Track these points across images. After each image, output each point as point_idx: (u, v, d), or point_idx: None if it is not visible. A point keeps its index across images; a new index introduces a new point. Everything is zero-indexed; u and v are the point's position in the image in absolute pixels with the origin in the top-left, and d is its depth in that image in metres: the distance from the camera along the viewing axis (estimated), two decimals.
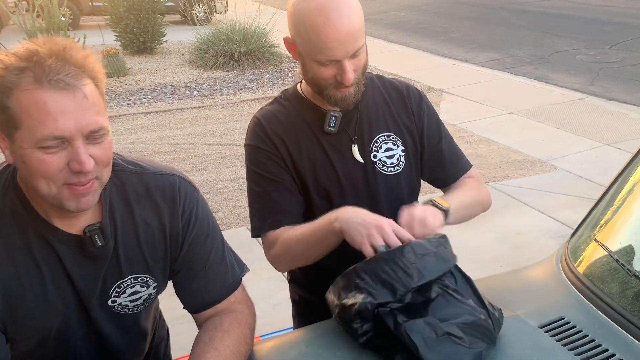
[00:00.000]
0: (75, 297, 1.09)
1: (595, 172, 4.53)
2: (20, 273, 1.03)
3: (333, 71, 1.22)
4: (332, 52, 1.18)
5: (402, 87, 1.44)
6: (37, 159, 0.90)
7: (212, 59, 8.30)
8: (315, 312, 1.31)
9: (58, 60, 0.89)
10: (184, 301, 1.20)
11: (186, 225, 1.14)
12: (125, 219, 1.09)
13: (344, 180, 1.35)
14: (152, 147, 5.38)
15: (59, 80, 0.88)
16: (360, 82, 1.28)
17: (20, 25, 6.85)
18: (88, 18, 12.59)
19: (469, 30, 10.75)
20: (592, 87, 6.90)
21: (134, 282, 1.13)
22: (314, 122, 1.35)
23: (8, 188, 1.02)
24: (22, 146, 0.91)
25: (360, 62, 1.24)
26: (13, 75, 0.88)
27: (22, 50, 0.90)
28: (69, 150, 0.91)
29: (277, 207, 1.33)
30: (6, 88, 0.89)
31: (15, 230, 1.01)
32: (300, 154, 1.34)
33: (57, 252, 1.04)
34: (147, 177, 1.12)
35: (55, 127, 0.88)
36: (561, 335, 1.14)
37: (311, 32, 1.18)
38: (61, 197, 0.94)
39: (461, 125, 5.73)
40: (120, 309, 1.15)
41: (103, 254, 1.07)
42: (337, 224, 1.17)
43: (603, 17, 11.02)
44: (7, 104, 0.89)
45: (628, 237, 1.36)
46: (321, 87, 1.27)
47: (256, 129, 1.36)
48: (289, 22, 1.25)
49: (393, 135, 1.39)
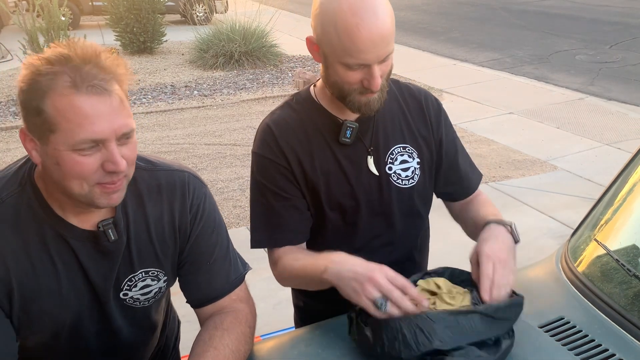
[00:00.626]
0: (89, 292, 1.11)
1: (595, 172, 4.54)
2: (35, 268, 1.05)
3: (360, 75, 1.15)
4: (363, 56, 1.11)
5: (421, 95, 1.38)
6: (73, 160, 0.94)
7: (212, 59, 8.30)
8: (319, 318, 1.29)
9: (94, 66, 0.93)
10: (188, 295, 1.22)
11: (194, 219, 1.17)
12: (138, 214, 1.12)
13: (358, 193, 1.30)
14: (152, 147, 5.38)
15: (95, 86, 0.92)
16: (385, 88, 1.21)
17: (20, 25, 6.84)
18: (88, 18, 12.59)
19: (469, 30, 10.75)
20: (592, 87, 6.90)
21: (145, 276, 1.16)
22: (328, 132, 1.28)
23: (25, 185, 1.05)
24: (57, 148, 0.93)
25: (388, 67, 1.18)
26: (48, 80, 0.91)
27: (54, 55, 0.93)
28: (103, 152, 0.95)
29: (283, 224, 1.29)
30: (41, 92, 0.91)
31: (31, 226, 1.04)
32: (314, 167, 1.28)
33: (72, 247, 1.07)
34: (158, 174, 1.15)
35: (93, 131, 0.92)
36: (561, 335, 1.14)
37: (342, 33, 1.09)
38: (93, 195, 0.98)
39: (461, 125, 5.73)
40: (132, 302, 1.17)
41: (117, 248, 1.10)
42: (327, 277, 1.13)
43: (603, 17, 11.02)
44: (42, 107, 0.92)
45: (628, 237, 1.36)
46: (345, 92, 1.19)
47: (266, 138, 1.28)
48: (314, 22, 1.17)
49: (409, 147, 1.33)
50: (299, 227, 1.31)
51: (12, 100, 6.92)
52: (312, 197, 1.30)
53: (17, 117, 6.34)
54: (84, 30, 10.55)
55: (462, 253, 1.20)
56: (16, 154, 5.31)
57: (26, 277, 1.05)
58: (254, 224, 1.34)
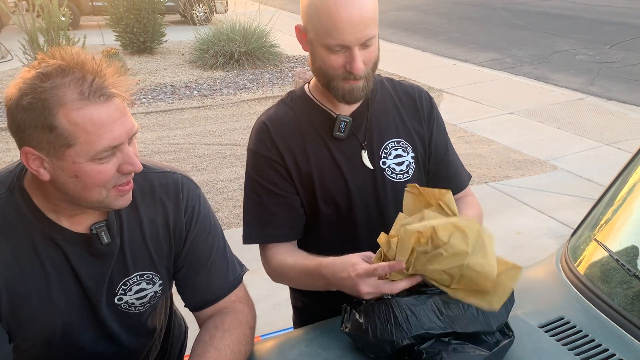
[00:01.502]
0: (81, 297, 1.10)
1: (595, 172, 4.54)
2: (25, 273, 1.04)
3: (342, 59, 1.17)
4: (342, 36, 1.13)
5: (414, 91, 1.39)
6: (95, 170, 0.95)
7: (212, 59, 8.30)
8: (317, 318, 1.29)
9: (93, 73, 0.92)
10: (186, 299, 1.21)
11: (189, 221, 1.16)
12: (131, 216, 1.11)
13: (352, 188, 1.31)
14: (152, 147, 5.38)
15: (103, 93, 0.92)
16: (370, 77, 1.22)
17: (20, 25, 6.84)
18: (88, 18, 12.58)
19: (469, 30, 10.75)
20: (592, 87, 6.90)
21: (139, 280, 1.14)
22: (322, 127, 1.30)
23: (13, 190, 1.04)
24: (77, 161, 0.93)
25: (372, 54, 1.19)
26: (53, 95, 0.89)
27: (50, 68, 0.91)
28: (118, 156, 0.97)
29: (275, 221, 1.31)
30: (49, 108, 0.90)
31: (20, 231, 1.03)
32: (308, 162, 1.29)
33: (64, 251, 1.05)
34: (151, 176, 1.15)
35: (113, 138, 0.94)
36: (561, 335, 1.14)
37: (322, 13, 1.13)
38: (109, 199, 1.00)
39: (461, 125, 5.73)
40: (127, 307, 1.16)
41: (110, 251, 1.09)
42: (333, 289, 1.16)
43: (603, 17, 11.02)
44: (55, 124, 0.90)
45: (628, 237, 1.36)
46: (329, 78, 1.21)
47: (261, 134, 1.30)
48: (302, 10, 1.20)
49: (403, 142, 1.34)
50: (291, 224, 1.32)
51: None
52: (306, 193, 1.31)
53: None
54: (84, 30, 10.54)
55: None
56: (16, 154, 5.31)
57: (15, 282, 1.03)
58: (245, 219, 1.35)
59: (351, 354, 1.12)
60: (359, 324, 1.07)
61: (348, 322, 1.11)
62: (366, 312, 1.07)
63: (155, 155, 5.12)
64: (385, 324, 1.03)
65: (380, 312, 1.05)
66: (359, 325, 1.07)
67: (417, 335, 1.02)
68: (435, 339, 1.02)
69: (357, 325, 1.08)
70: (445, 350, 1.00)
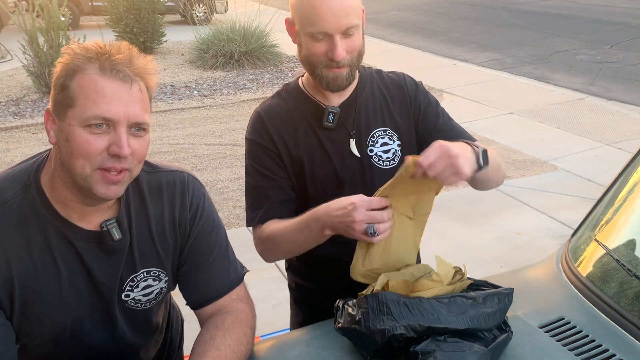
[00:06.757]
0: (91, 295, 1.12)
1: (595, 172, 4.53)
2: (38, 269, 1.05)
3: (325, 47, 1.23)
4: (323, 23, 1.20)
5: (400, 77, 1.48)
6: (82, 137, 0.97)
7: (212, 59, 8.30)
8: (311, 298, 1.36)
9: (124, 58, 0.99)
10: (187, 295, 1.23)
11: (193, 218, 1.19)
12: (140, 214, 1.14)
13: (340, 174, 1.37)
14: (152, 147, 5.37)
15: (120, 72, 0.98)
16: (355, 66, 1.29)
17: (20, 25, 6.83)
18: (88, 18, 12.59)
19: (469, 30, 10.75)
20: (592, 87, 6.90)
21: (146, 276, 1.16)
22: (312, 118, 1.37)
23: (30, 187, 1.06)
24: (71, 123, 0.97)
25: (354, 44, 1.25)
26: (80, 62, 0.98)
27: (92, 45, 1.00)
28: (112, 135, 0.98)
29: (269, 202, 1.37)
30: (71, 71, 0.98)
31: (35, 227, 1.05)
32: (298, 149, 1.36)
33: (77, 249, 1.07)
34: (159, 175, 1.18)
35: (108, 110, 0.96)
36: (561, 335, 1.14)
37: (305, 4, 1.22)
38: (92, 180, 0.99)
39: (461, 125, 5.72)
40: (134, 304, 1.18)
41: (121, 247, 1.11)
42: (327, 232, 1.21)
43: (603, 17, 11.02)
44: (68, 84, 0.98)
45: (628, 237, 1.36)
46: (313, 66, 1.28)
47: (256, 124, 1.39)
48: (289, 3, 1.28)
49: (389, 130, 1.40)
50: (284, 206, 1.38)
51: (12, 100, 6.92)
52: (297, 179, 1.39)
53: (17, 117, 6.34)
54: (84, 30, 10.53)
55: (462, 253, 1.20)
56: (16, 154, 5.31)
57: (28, 278, 1.05)
58: (246, 202, 1.43)
59: (351, 354, 1.12)
60: (352, 317, 1.08)
61: (341, 317, 1.12)
62: (359, 305, 1.09)
63: (155, 155, 5.12)
64: (378, 314, 1.05)
65: (374, 303, 1.06)
66: (352, 318, 1.08)
67: (409, 326, 1.01)
68: (430, 339, 1.02)
69: (350, 318, 1.08)
70: (440, 350, 1.00)
